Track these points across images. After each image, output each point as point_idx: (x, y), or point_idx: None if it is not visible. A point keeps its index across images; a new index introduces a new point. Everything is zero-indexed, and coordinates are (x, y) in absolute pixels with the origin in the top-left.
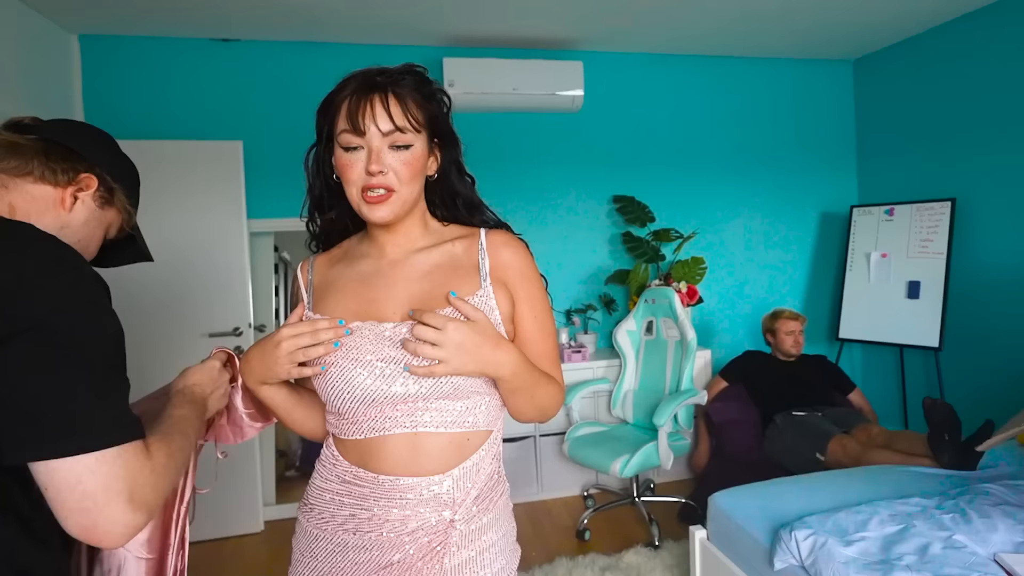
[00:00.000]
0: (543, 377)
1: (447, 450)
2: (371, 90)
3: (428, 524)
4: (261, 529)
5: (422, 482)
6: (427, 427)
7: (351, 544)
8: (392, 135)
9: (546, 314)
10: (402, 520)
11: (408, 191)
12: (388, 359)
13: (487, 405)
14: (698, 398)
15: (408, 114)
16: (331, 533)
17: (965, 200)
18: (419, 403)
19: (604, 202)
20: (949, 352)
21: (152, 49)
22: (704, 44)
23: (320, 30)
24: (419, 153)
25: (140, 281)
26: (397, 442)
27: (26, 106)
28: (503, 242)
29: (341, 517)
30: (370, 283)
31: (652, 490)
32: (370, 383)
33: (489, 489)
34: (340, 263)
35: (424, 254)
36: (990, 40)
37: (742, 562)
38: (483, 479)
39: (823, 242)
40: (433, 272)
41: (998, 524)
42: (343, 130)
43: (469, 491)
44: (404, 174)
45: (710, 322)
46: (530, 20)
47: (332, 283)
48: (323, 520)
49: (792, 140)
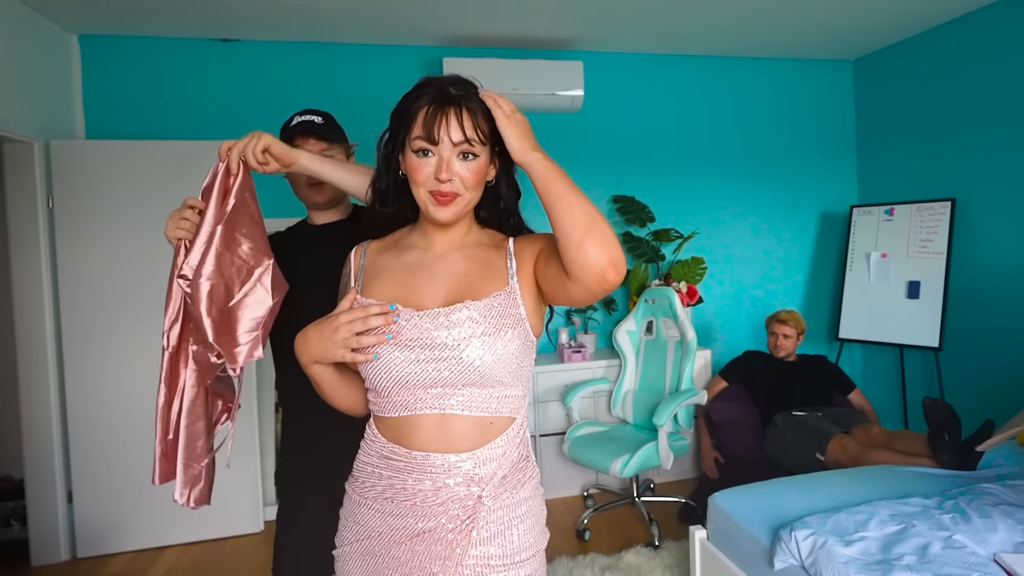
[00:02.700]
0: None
1: (472, 431)
2: (446, 103)
3: (457, 497)
4: (261, 529)
5: (449, 458)
6: (454, 410)
7: (389, 511)
8: (461, 146)
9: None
10: (434, 492)
11: (471, 196)
12: (424, 345)
13: (509, 395)
14: (698, 398)
15: (477, 128)
16: (372, 500)
17: (965, 200)
18: (448, 388)
19: (604, 202)
20: (949, 352)
21: (152, 49)
22: (704, 44)
23: (320, 30)
24: (483, 163)
25: (141, 281)
26: (427, 422)
27: (26, 106)
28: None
29: (380, 487)
30: (414, 272)
31: (652, 490)
32: (406, 367)
33: (517, 471)
34: (390, 251)
35: (464, 252)
36: (990, 40)
37: (742, 562)
38: (509, 462)
39: (823, 242)
40: (469, 270)
41: (998, 524)
42: (418, 136)
43: (495, 472)
44: (470, 182)
45: (710, 322)
46: (530, 20)
47: (381, 269)
48: (365, 489)
49: (792, 140)
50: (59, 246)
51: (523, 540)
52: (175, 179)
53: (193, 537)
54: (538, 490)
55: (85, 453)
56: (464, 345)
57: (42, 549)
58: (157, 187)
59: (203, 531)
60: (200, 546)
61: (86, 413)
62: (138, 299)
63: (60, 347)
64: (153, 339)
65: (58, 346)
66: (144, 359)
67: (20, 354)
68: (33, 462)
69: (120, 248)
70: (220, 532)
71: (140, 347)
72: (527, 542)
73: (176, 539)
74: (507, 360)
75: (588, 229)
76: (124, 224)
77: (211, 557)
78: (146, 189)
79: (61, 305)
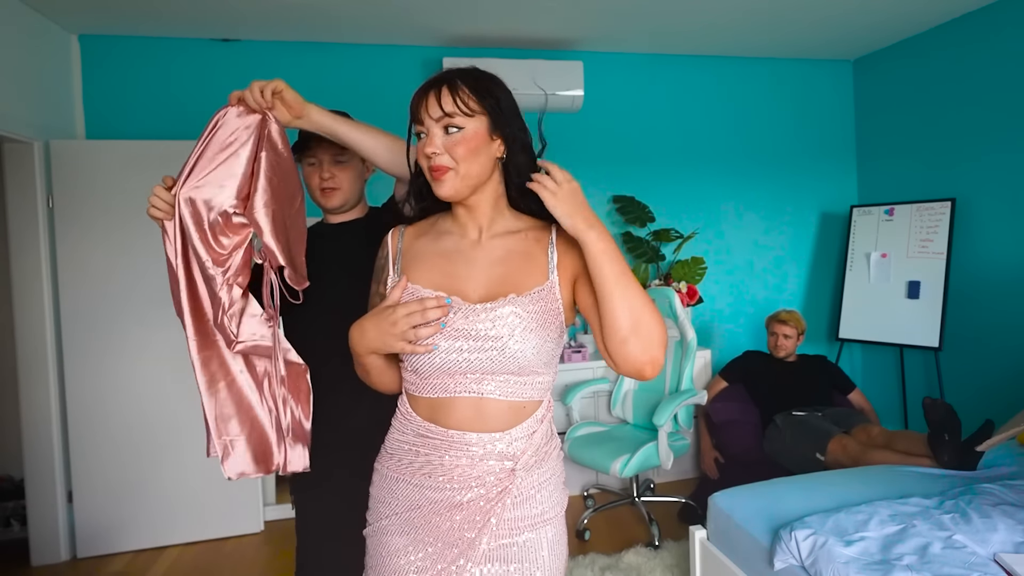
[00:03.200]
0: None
1: (507, 414)
2: (429, 86)
3: (492, 471)
4: (261, 529)
5: (484, 437)
6: (491, 394)
7: (427, 485)
8: (443, 120)
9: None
10: (470, 466)
11: (465, 169)
12: (469, 336)
13: (541, 382)
14: (698, 398)
15: (458, 100)
16: (409, 475)
17: (965, 200)
18: (487, 375)
19: (604, 202)
20: (949, 352)
21: (152, 49)
22: (704, 44)
23: (320, 30)
24: (470, 135)
25: (141, 281)
26: (464, 404)
27: (26, 106)
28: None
29: (418, 464)
30: (452, 259)
31: (652, 490)
32: (449, 356)
33: (544, 444)
34: (426, 236)
35: (500, 239)
36: (990, 40)
37: (742, 562)
38: (538, 439)
39: (823, 242)
40: (507, 258)
41: (998, 524)
42: (412, 122)
43: (526, 448)
44: (458, 153)
45: (710, 322)
46: (530, 20)
47: (418, 254)
48: (402, 466)
49: (792, 140)
50: (59, 246)
51: (548, 502)
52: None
53: (193, 537)
54: (559, 456)
55: (85, 453)
56: (507, 338)
57: (42, 549)
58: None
59: (203, 531)
60: (200, 546)
61: (86, 413)
62: (138, 299)
63: (60, 347)
64: (153, 339)
65: (58, 346)
66: (144, 359)
67: (20, 354)
68: (33, 462)
69: (120, 248)
70: (220, 532)
71: (140, 347)
72: (551, 502)
73: (176, 539)
74: (544, 351)
75: (635, 327)
76: (124, 224)
77: (211, 557)
78: (146, 189)
79: (61, 305)
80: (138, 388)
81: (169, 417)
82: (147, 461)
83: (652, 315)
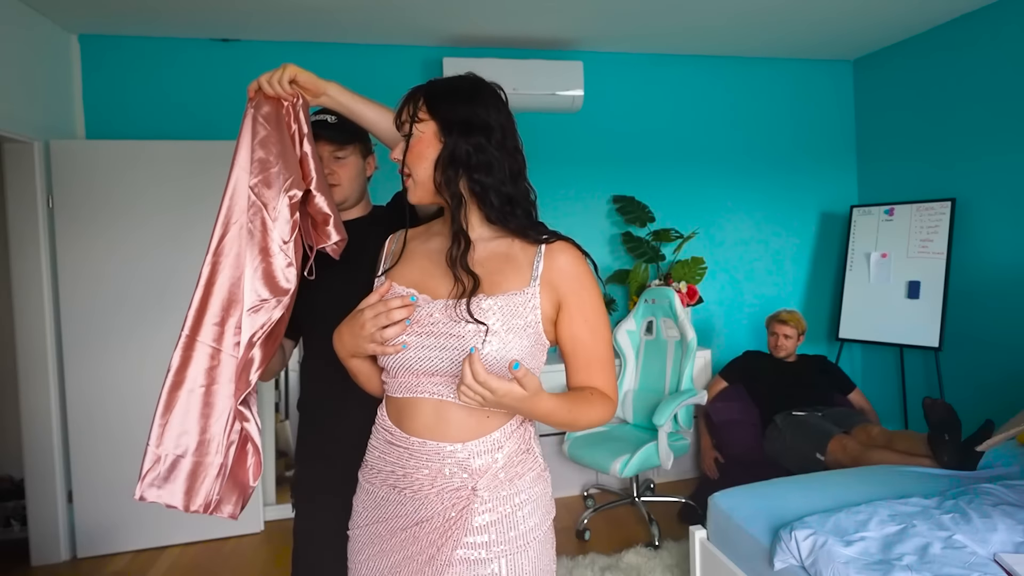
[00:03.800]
0: (582, 407)
1: (467, 422)
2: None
3: (452, 487)
4: (261, 529)
5: (444, 447)
6: (451, 398)
7: (392, 499)
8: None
9: (599, 320)
10: (430, 479)
11: (419, 173)
12: (432, 333)
13: None
14: (698, 398)
15: (407, 109)
16: (377, 487)
17: (965, 200)
18: (449, 377)
19: (604, 202)
20: (949, 352)
21: (152, 49)
22: (704, 44)
23: (320, 30)
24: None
25: (141, 281)
26: (426, 407)
27: (26, 106)
28: (561, 249)
29: (385, 472)
30: (434, 259)
31: (652, 490)
32: (414, 353)
33: (515, 464)
34: (419, 237)
35: (483, 244)
36: (990, 40)
37: (742, 562)
38: (504, 455)
39: (823, 242)
40: (488, 261)
41: (998, 524)
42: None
43: (490, 464)
44: (409, 157)
45: (710, 322)
46: (530, 20)
47: (409, 253)
48: (372, 475)
49: (792, 140)
50: (59, 246)
51: (526, 524)
52: (175, 179)
53: (193, 537)
54: (541, 478)
55: (85, 453)
56: (471, 338)
57: (42, 549)
58: (157, 187)
59: (203, 531)
60: (200, 546)
61: (86, 413)
62: (138, 299)
63: (60, 347)
64: (153, 339)
65: (58, 346)
66: (144, 359)
67: (20, 354)
68: (33, 462)
69: (120, 248)
70: (220, 532)
71: (140, 347)
72: (530, 525)
73: (176, 539)
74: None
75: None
76: (124, 224)
77: (211, 557)
78: (146, 189)
79: (61, 305)
80: (138, 388)
81: None
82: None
83: (595, 419)
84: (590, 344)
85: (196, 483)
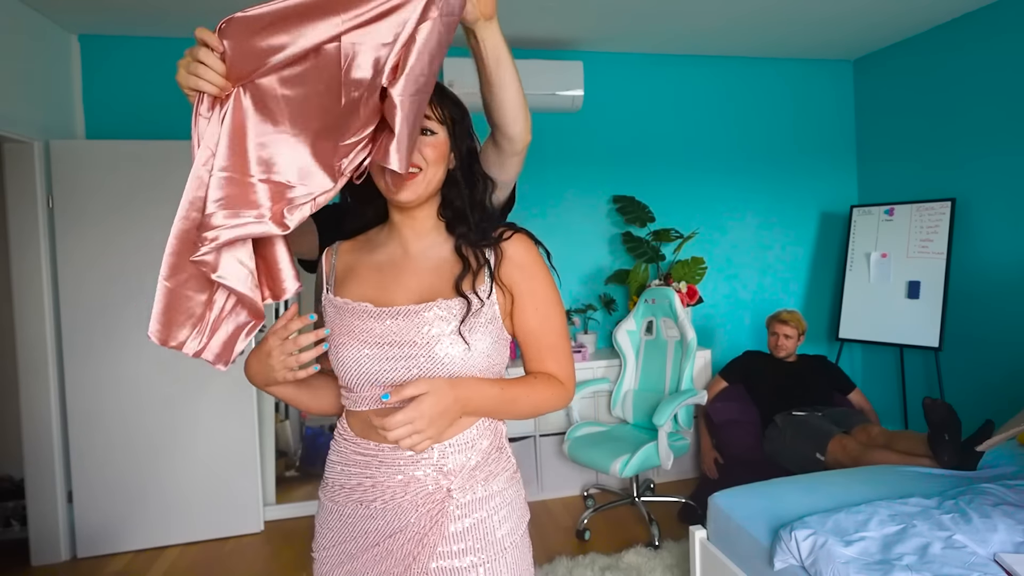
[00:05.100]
0: (517, 388)
1: None
2: None
3: (426, 491)
4: (261, 529)
5: None
6: None
7: (360, 514)
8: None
9: (550, 308)
10: (403, 486)
11: (432, 172)
12: (394, 343)
13: None
14: (698, 398)
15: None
16: (343, 504)
17: (965, 200)
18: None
19: (604, 202)
20: (949, 352)
21: (152, 49)
22: (704, 44)
23: None
24: (443, 141)
25: (141, 281)
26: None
27: (26, 106)
28: (511, 242)
29: (350, 487)
30: (386, 271)
31: (652, 490)
32: (375, 364)
33: (488, 462)
34: (362, 250)
35: (436, 248)
36: (990, 40)
37: (742, 562)
38: (478, 452)
39: (823, 242)
40: (442, 266)
41: (998, 524)
42: None
43: (464, 463)
44: (430, 155)
45: (710, 322)
46: (530, 20)
47: (353, 268)
48: (335, 492)
49: (792, 140)
50: (59, 246)
51: (502, 529)
52: (175, 179)
53: (193, 537)
54: (514, 479)
55: (85, 453)
56: (434, 343)
57: (42, 549)
58: (157, 187)
59: (203, 531)
60: (200, 546)
61: (86, 413)
62: (138, 299)
63: (60, 347)
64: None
65: (58, 346)
66: (144, 359)
67: (20, 354)
68: (33, 462)
69: (120, 248)
70: (220, 532)
71: (140, 347)
72: (505, 530)
73: (176, 539)
74: (477, 357)
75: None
76: (124, 224)
77: (211, 557)
78: (146, 189)
79: (61, 305)
80: (138, 388)
81: (169, 417)
82: (147, 461)
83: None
84: (542, 334)
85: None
